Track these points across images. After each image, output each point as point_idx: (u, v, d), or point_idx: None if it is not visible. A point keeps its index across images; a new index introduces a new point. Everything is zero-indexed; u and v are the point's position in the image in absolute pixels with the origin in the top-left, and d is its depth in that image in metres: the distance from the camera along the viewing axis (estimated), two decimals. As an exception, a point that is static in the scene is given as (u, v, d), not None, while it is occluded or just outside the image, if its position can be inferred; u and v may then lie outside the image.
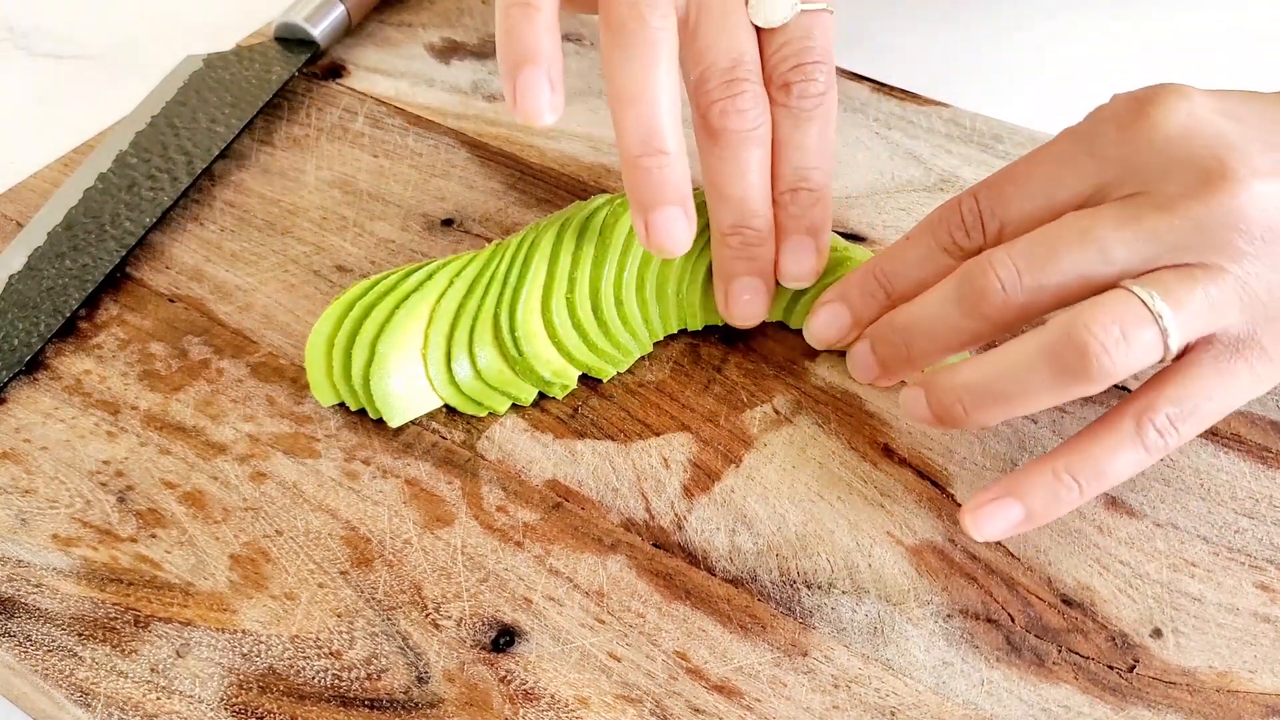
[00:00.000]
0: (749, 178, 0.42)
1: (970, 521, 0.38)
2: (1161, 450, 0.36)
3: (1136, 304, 0.35)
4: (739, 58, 0.41)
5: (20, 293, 0.47)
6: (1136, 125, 0.37)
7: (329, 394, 0.43)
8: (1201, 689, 0.36)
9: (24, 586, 0.39)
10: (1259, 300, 0.36)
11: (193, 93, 0.55)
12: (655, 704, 0.36)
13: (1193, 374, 0.36)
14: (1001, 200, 0.39)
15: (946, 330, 0.39)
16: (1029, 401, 0.36)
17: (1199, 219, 0.35)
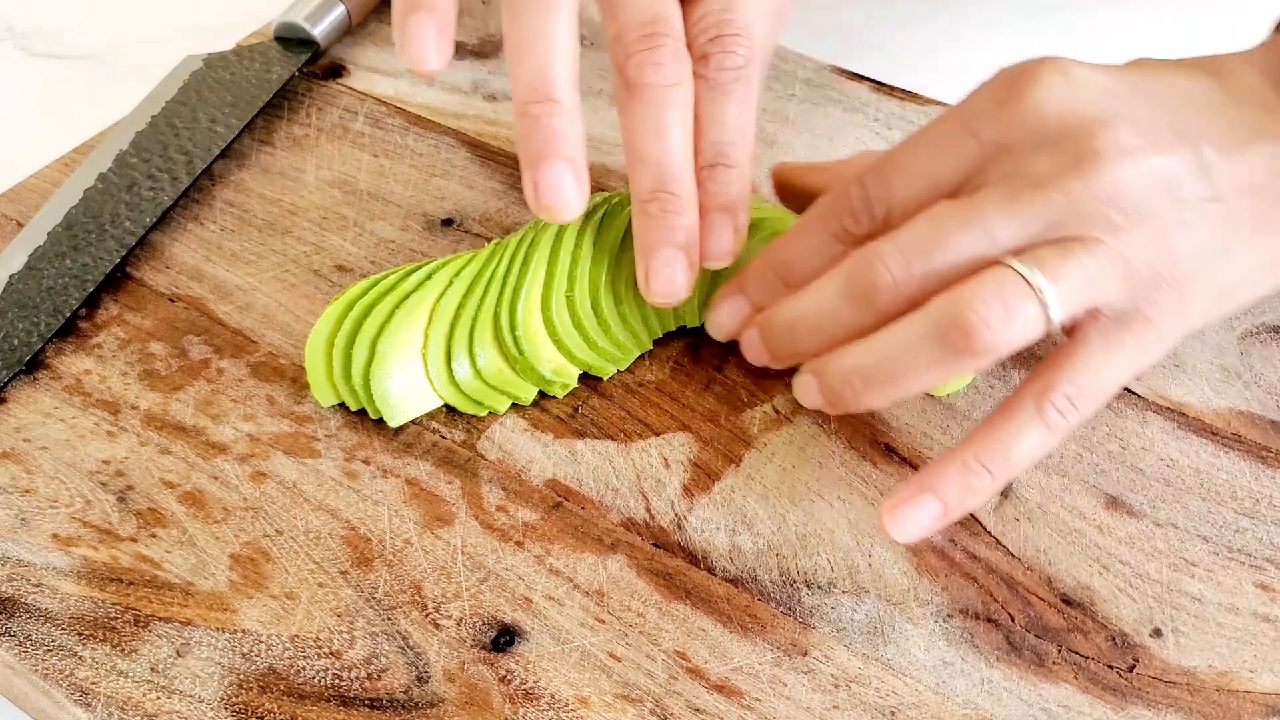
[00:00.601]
0: (667, 137, 0.40)
1: (889, 523, 0.37)
2: (1064, 429, 0.37)
3: (1017, 279, 0.35)
4: (658, 14, 0.40)
5: (20, 293, 0.47)
6: (1013, 103, 0.38)
7: (329, 394, 0.43)
8: (1201, 689, 0.36)
9: (24, 586, 0.39)
10: (1137, 272, 0.36)
11: (193, 93, 0.55)
12: (655, 703, 0.36)
13: (1083, 351, 0.36)
14: (887, 185, 0.39)
15: (835, 325, 0.38)
16: (917, 380, 0.37)
17: (1074, 195, 0.36)
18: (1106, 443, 0.43)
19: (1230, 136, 0.38)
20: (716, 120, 0.41)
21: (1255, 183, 0.37)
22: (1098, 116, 0.37)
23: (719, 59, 0.41)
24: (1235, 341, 0.46)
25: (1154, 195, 0.36)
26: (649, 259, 0.41)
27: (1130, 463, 0.42)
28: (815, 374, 0.39)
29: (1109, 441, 0.43)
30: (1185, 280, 0.37)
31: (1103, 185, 0.36)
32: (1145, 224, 0.36)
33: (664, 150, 0.40)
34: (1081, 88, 0.38)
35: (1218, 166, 0.37)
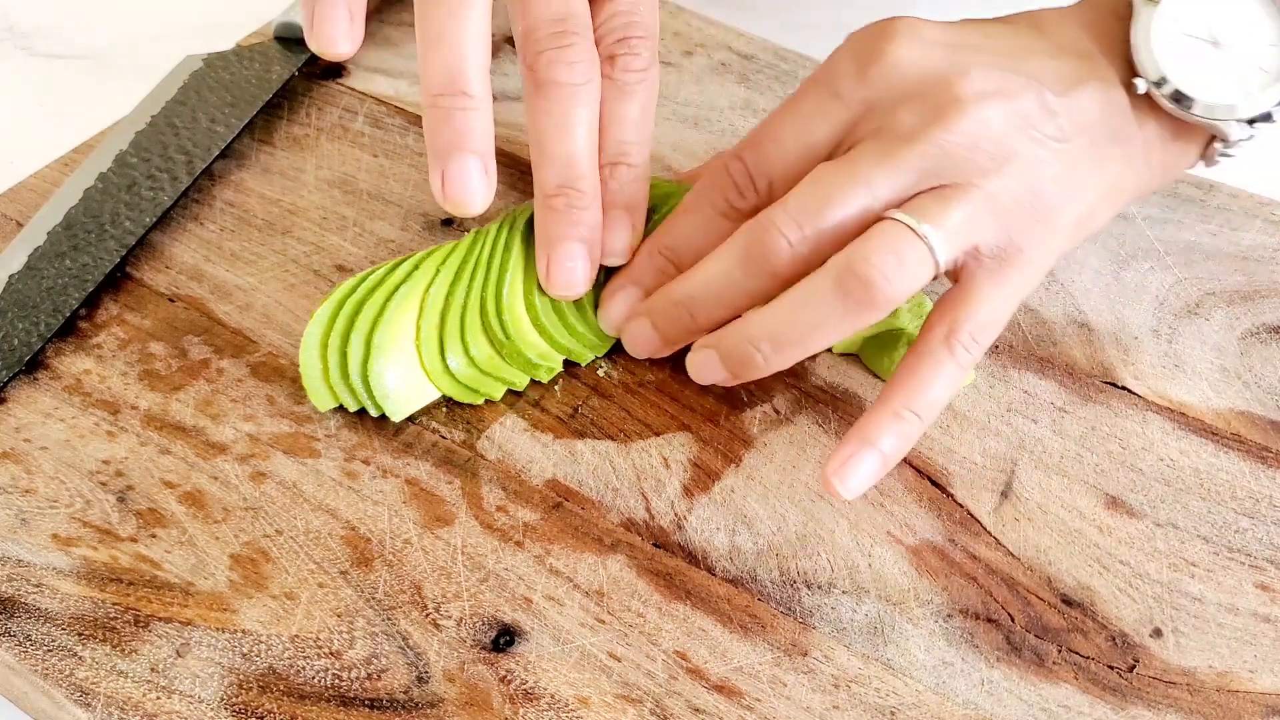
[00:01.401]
0: (577, 135, 0.41)
1: (836, 483, 0.38)
2: (970, 364, 0.39)
3: (903, 230, 0.38)
4: (569, 12, 0.41)
5: (20, 293, 0.47)
6: (873, 64, 0.40)
7: (327, 398, 0.43)
8: (1201, 689, 0.36)
9: (24, 586, 0.39)
10: (1008, 210, 0.39)
11: (193, 93, 0.55)
12: (655, 704, 0.36)
13: (976, 292, 0.39)
14: (765, 157, 0.40)
15: (734, 293, 0.40)
16: (825, 337, 0.39)
17: (941, 144, 0.38)
18: (1106, 443, 0.43)
19: (1062, 82, 0.40)
20: (620, 120, 0.42)
21: (1088, 121, 0.40)
22: (953, 68, 0.39)
23: (626, 60, 0.42)
24: (1235, 341, 0.46)
25: (1013, 136, 0.39)
26: (552, 252, 0.42)
27: (1130, 463, 0.42)
28: (714, 346, 0.40)
29: (1109, 441, 0.43)
30: (1049, 212, 0.39)
31: (966, 130, 0.38)
32: (1009, 164, 0.39)
33: (572, 147, 0.41)
34: (933, 44, 0.40)
35: (1059, 108, 0.40)
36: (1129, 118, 0.41)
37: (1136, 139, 0.42)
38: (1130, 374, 0.45)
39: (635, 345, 0.43)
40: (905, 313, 0.44)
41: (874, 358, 0.45)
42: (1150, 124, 0.42)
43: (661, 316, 0.42)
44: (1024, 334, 0.46)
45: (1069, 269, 0.48)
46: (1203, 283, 0.48)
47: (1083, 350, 0.46)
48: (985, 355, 0.45)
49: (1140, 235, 0.49)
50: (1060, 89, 0.40)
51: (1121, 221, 0.50)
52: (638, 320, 0.42)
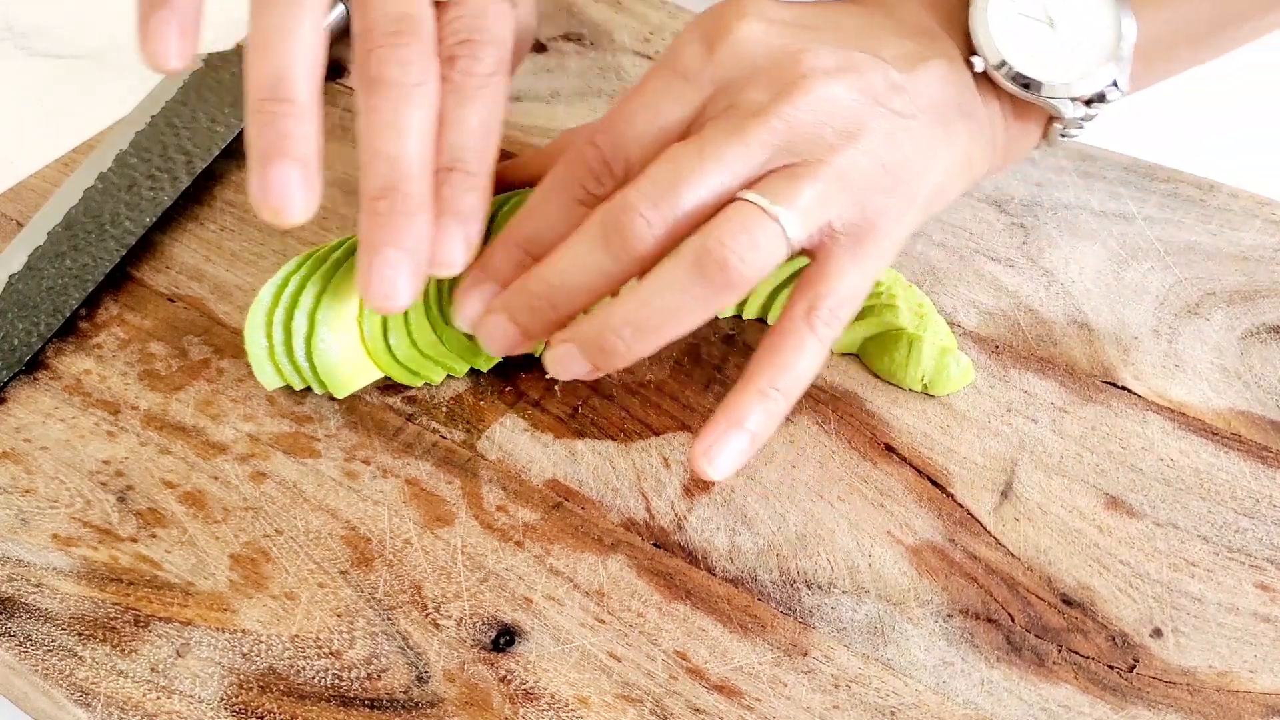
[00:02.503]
0: (406, 136, 0.39)
1: (706, 465, 0.38)
2: (831, 339, 0.39)
3: (755, 210, 0.38)
4: (408, 14, 0.40)
5: (20, 293, 0.47)
6: (720, 43, 0.40)
7: (272, 376, 0.43)
8: (1201, 689, 0.36)
9: (24, 586, 0.39)
10: (860, 185, 0.39)
11: (193, 93, 0.55)
12: (655, 704, 0.36)
13: (833, 267, 0.39)
14: (619, 141, 0.40)
15: (595, 278, 0.39)
16: (685, 321, 0.38)
17: (790, 119, 0.38)
18: (1106, 443, 0.43)
19: (906, 60, 0.41)
20: (458, 124, 0.40)
21: (934, 97, 0.41)
22: (799, 45, 0.40)
23: (466, 63, 0.40)
24: (1235, 341, 0.46)
25: (860, 111, 0.39)
26: (371, 258, 0.39)
27: (1130, 463, 0.42)
28: (573, 339, 0.39)
29: (1109, 441, 0.43)
30: (900, 186, 0.39)
31: (813, 105, 0.38)
32: (857, 139, 0.39)
33: (400, 148, 0.39)
34: (779, 22, 0.41)
35: (905, 84, 0.40)
36: (974, 94, 0.42)
37: (982, 115, 0.42)
38: (1130, 374, 0.45)
39: (493, 342, 0.41)
40: (905, 312, 0.44)
41: (874, 358, 0.45)
42: (992, 102, 0.42)
43: (520, 309, 0.40)
44: (1024, 334, 0.46)
45: (1068, 269, 0.48)
46: (1203, 283, 0.48)
47: (1083, 350, 0.46)
48: (985, 355, 0.45)
49: (1140, 235, 0.49)
50: (905, 66, 0.40)
51: (1122, 221, 0.50)
52: (494, 316, 0.40)
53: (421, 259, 0.39)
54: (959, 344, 0.45)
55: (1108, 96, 0.42)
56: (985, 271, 0.48)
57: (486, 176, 0.41)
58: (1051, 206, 0.51)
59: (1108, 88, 0.42)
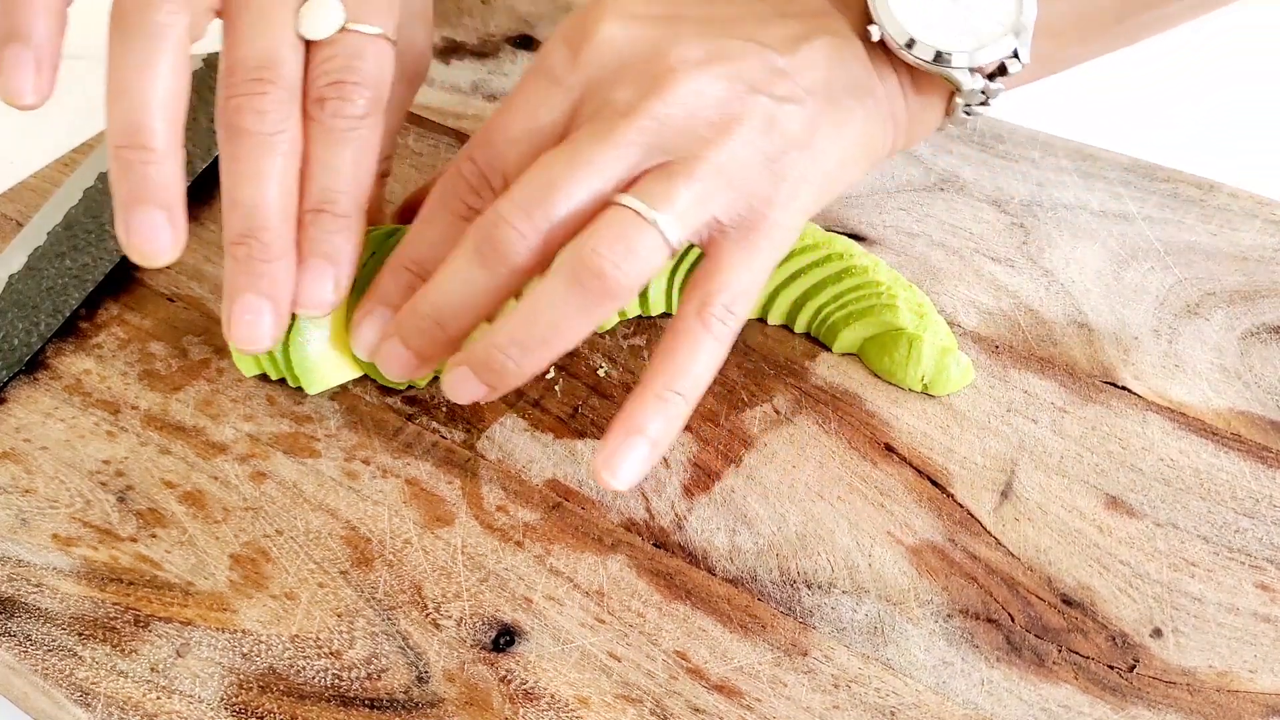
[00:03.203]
0: (262, 184, 0.39)
1: (608, 475, 0.37)
2: (729, 336, 0.38)
3: (630, 215, 0.36)
4: (271, 60, 0.39)
5: (20, 293, 0.47)
6: (583, 45, 0.39)
7: (250, 364, 0.43)
8: (1201, 689, 0.36)
9: (24, 586, 0.39)
10: (741, 177, 0.38)
11: (193, 92, 0.55)
12: (655, 704, 0.36)
13: (724, 263, 0.38)
14: (495, 153, 0.39)
15: (477, 294, 0.38)
16: (569, 334, 0.37)
17: (660, 116, 0.37)
18: (1106, 443, 0.43)
19: (787, 42, 0.40)
20: (327, 165, 0.40)
21: (821, 78, 0.40)
22: (664, 39, 0.39)
23: (336, 105, 0.40)
24: (1235, 341, 0.46)
25: (734, 100, 0.38)
26: (232, 304, 0.39)
27: (1130, 463, 0.42)
28: (465, 361, 0.38)
29: (1109, 441, 0.43)
30: (787, 174, 0.38)
31: (682, 99, 0.37)
32: (733, 130, 0.37)
33: (258, 196, 0.39)
34: (641, 18, 0.39)
35: (786, 67, 0.39)
36: (868, 70, 0.41)
37: (878, 92, 0.41)
38: (1130, 374, 0.45)
39: (390, 368, 0.40)
40: (905, 312, 0.44)
41: (874, 358, 0.45)
42: (890, 77, 0.41)
43: (411, 333, 0.39)
44: (1024, 334, 0.46)
45: (1069, 269, 0.48)
46: (1203, 283, 0.48)
47: (1083, 350, 0.46)
48: (985, 355, 0.45)
49: (1140, 235, 0.49)
50: (787, 48, 0.39)
51: (1122, 221, 0.50)
52: (388, 341, 0.39)
53: (282, 303, 0.39)
54: (959, 344, 0.45)
55: (1009, 69, 0.41)
56: (985, 271, 0.48)
57: (356, 218, 0.41)
58: (1051, 206, 0.51)
59: (1008, 59, 0.40)
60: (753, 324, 0.47)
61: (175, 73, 0.38)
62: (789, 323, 0.46)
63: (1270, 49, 0.62)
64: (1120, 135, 0.54)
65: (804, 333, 0.46)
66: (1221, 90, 0.60)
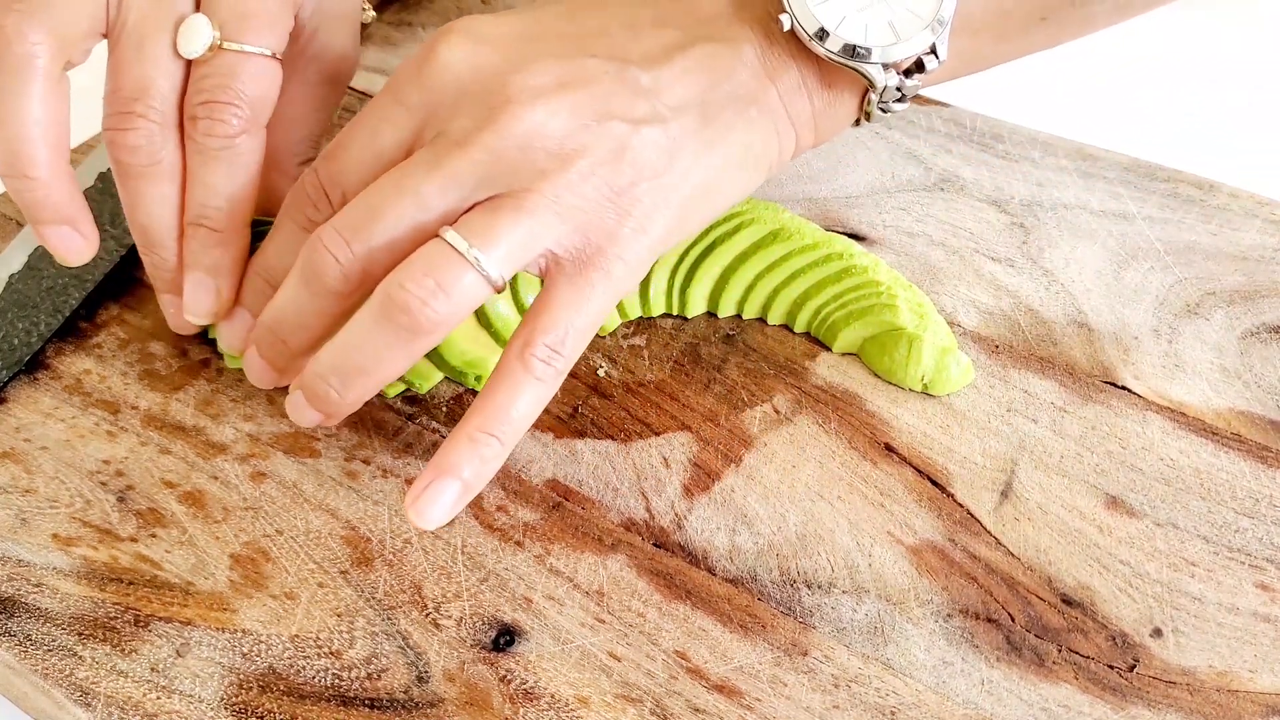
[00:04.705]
0: (149, 209, 0.41)
1: (414, 515, 0.36)
2: (555, 376, 0.37)
3: (448, 251, 0.36)
4: (144, 89, 0.40)
5: (20, 293, 0.47)
6: (428, 67, 0.38)
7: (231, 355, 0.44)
8: (1201, 689, 0.36)
9: (24, 586, 0.39)
10: (580, 210, 0.36)
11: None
12: (655, 703, 0.36)
13: (555, 300, 0.37)
14: (337, 167, 0.39)
15: (307, 314, 0.38)
16: (387, 366, 0.37)
17: (494, 149, 0.36)
18: (1106, 443, 0.43)
19: (656, 55, 0.38)
20: (201, 182, 0.41)
21: (693, 92, 0.38)
22: (509, 64, 0.37)
23: (207, 125, 0.40)
24: (1235, 341, 0.46)
25: (579, 131, 0.36)
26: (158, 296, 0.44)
27: (1130, 463, 0.42)
28: (300, 386, 0.38)
29: (1109, 441, 0.43)
30: (636, 206, 0.37)
31: (518, 132, 0.36)
32: (574, 161, 0.36)
33: (145, 219, 0.42)
34: (490, 40, 0.38)
35: (650, 84, 0.38)
36: (753, 74, 0.39)
37: (769, 95, 0.39)
38: (1130, 374, 0.45)
39: (252, 374, 0.41)
40: (905, 312, 0.44)
41: (874, 358, 0.45)
42: (791, 72, 0.39)
43: (263, 345, 0.40)
44: (1024, 334, 0.46)
45: (1069, 269, 0.48)
46: (1203, 283, 0.48)
47: (1083, 350, 0.46)
48: (985, 355, 0.45)
49: (1140, 235, 0.49)
50: (656, 62, 0.38)
51: (1122, 221, 0.50)
52: (249, 351, 0.41)
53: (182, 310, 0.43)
54: (959, 344, 0.45)
55: (926, 65, 0.39)
56: (985, 271, 0.48)
57: (234, 231, 0.42)
58: (1051, 206, 0.51)
59: (925, 55, 0.39)
60: (753, 324, 0.47)
61: (46, 100, 0.40)
62: (789, 323, 0.46)
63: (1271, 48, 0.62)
64: (1120, 135, 0.54)
65: (804, 333, 0.46)
66: (1221, 90, 0.60)
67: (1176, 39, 0.63)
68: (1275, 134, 0.58)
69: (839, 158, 0.53)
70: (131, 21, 0.40)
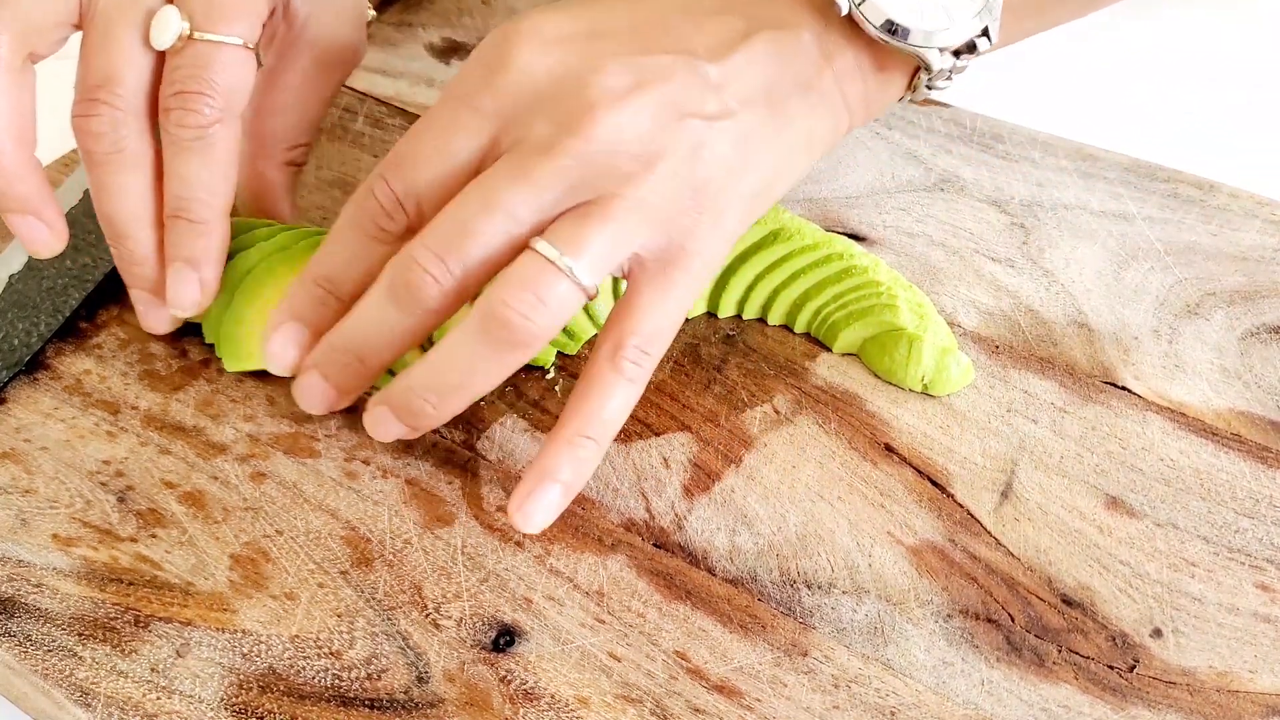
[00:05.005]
0: (115, 199, 0.41)
1: (521, 520, 0.37)
2: (644, 376, 0.37)
3: (542, 263, 0.36)
4: (110, 76, 0.40)
5: (20, 293, 0.47)
6: (501, 70, 0.37)
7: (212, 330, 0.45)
8: (1201, 689, 0.36)
9: (24, 586, 0.39)
10: (664, 211, 0.37)
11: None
12: (655, 704, 0.36)
13: (640, 302, 0.37)
14: (407, 176, 0.38)
15: (393, 333, 0.38)
16: (484, 381, 0.37)
17: (580, 154, 0.36)
18: (1106, 443, 0.43)
19: (721, 47, 0.38)
20: (177, 174, 0.41)
21: (760, 83, 0.38)
22: (585, 66, 0.37)
23: (179, 115, 0.40)
24: (1235, 341, 0.46)
25: (661, 131, 0.36)
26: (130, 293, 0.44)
27: (1130, 463, 0.42)
28: (386, 402, 0.38)
29: (1109, 441, 0.43)
30: (713, 201, 0.37)
31: (604, 138, 0.36)
32: (658, 163, 0.36)
33: (111, 209, 0.42)
34: (558, 41, 0.37)
35: (719, 78, 0.37)
36: (812, 59, 0.39)
37: (826, 78, 0.39)
38: (1130, 374, 0.45)
39: (310, 402, 0.40)
40: (905, 312, 0.44)
41: (874, 358, 0.45)
42: (846, 55, 0.39)
43: (331, 366, 0.39)
44: (1024, 334, 0.46)
45: (1069, 269, 0.48)
46: (1203, 283, 0.48)
47: (1083, 350, 0.46)
48: (985, 355, 0.45)
49: (1140, 235, 0.49)
50: (720, 54, 0.38)
51: (1122, 221, 0.50)
52: (307, 374, 0.39)
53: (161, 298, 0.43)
54: (959, 344, 0.45)
55: (978, 47, 0.40)
56: (985, 271, 0.48)
57: (214, 222, 0.41)
58: (1051, 206, 0.51)
59: (978, 38, 0.39)
60: (753, 324, 0.47)
61: (9, 92, 0.40)
62: (789, 323, 0.46)
63: (1271, 48, 0.62)
64: (1120, 135, 0.54)
65: (804, 333, 0.46)
66: (1221, 90, 0.60)
67: (1176, 38, 0.63)
68: (1275, 134, 0.58)
69: (839, 158, 0.53)
70: (100, 11, 0.40)
